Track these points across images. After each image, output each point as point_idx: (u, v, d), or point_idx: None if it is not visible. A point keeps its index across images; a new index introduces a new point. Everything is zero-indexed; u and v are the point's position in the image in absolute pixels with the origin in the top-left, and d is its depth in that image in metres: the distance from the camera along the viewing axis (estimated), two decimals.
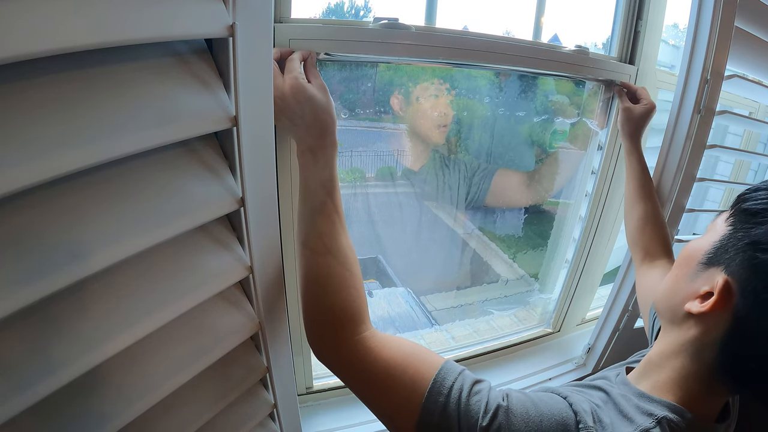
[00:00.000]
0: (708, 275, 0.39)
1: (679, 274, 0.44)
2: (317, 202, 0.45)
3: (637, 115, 0.72)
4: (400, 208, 0.93)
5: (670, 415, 0.38)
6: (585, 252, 0.93)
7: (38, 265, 0.28)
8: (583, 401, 0.39)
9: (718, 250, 0.39)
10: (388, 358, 0.41)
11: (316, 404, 0.76)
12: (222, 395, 0.46)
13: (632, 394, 0.42)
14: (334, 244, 0.45)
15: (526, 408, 0.36)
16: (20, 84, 0.27)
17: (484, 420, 0.35)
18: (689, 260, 0.43)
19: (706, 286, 0.39)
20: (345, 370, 0.43)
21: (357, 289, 0.45)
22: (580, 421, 0.36)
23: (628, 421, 0.38)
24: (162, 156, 0.37)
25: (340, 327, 0.43)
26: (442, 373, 0.39)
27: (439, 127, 0.84)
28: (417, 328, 0.98)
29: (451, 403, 0.37)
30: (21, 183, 0.26)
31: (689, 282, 0.41)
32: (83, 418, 0.33)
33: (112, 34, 0.29)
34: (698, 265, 0.41)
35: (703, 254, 0.41)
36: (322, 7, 0.70)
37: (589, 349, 0.92)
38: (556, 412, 0.36)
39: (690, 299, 0.40)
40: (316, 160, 0.46)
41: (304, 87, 0.46)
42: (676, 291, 0.43)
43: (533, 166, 0.96)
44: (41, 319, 0.30)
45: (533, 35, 0.78)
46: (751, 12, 0.68)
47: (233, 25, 0.35)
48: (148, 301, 0.36)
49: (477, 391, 0.38)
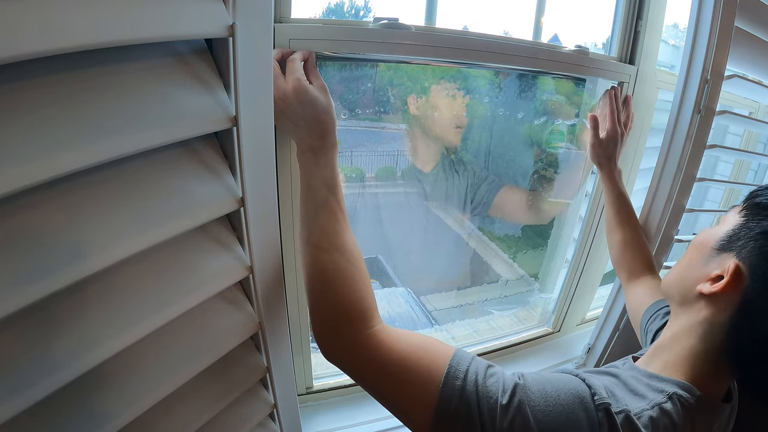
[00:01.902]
0: (720, 260, 0.43)
1: (693, 258, 0.47)
2: (320, 200, 0.45)
3: (604, 145, 0.74)
4: (401, 208, 0.93)
5: (680, 391, 0.41)
6: (585, 252, 0.93)
7: (38, 265, 0.28)
8: (596, 378, 0.40)
9: (731, 238, 0.43)
10: (401, 350, 0.41)
11: (316, 404, 0.76)
12: (222, 395, 0.46)
13: (641, 375, 0.44)
14: (339, 240, 0.45)
15: (542, 384, 0.38)
16: (20, 84, 0.27)
17: (503, 398, 0.36)
18: (703, 246, 0.46)
19: (718, 269, 0.42)
20: (358, 366, 0.42)
21: (365, 284, 0.44)
22: (595, 393, 0.37)
23: (640, 398, 0.40)
24: (162, 156, 0.37)
25: (349, 323, 0.42)
26: (456, 359, 0.40)
27: (456, 128, 0.85)
28: (417, 328, 0.98)
29: (469, 386, 0.37)
30: (21, 183, 0.26)
31: (702, 266, 0.44)
32: (83, 417, 0.33)
33: (112, 34, 0.29)
34: (711, 251, 0.44)
35: (717, 241, 0.44)
36: (322, 7, 0.70)
37: (589, 349, 0.92)
38: (571, 387, 0.38)
39: (702, 281, 0.43)
40: (317, 159, 0.46)
41: (306, 88, 0.46)
42: (689, 273, 0.46)
43: (532, 165, 0.96)
44: (41, 319, 0.30)
45: (533, 35, 0.78)
46: (751, 12, 0.68)
47: (233, 25, 0.35)
48: (148, 301, 0.36)
49: (492, 374, 0.39)
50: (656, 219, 0.75)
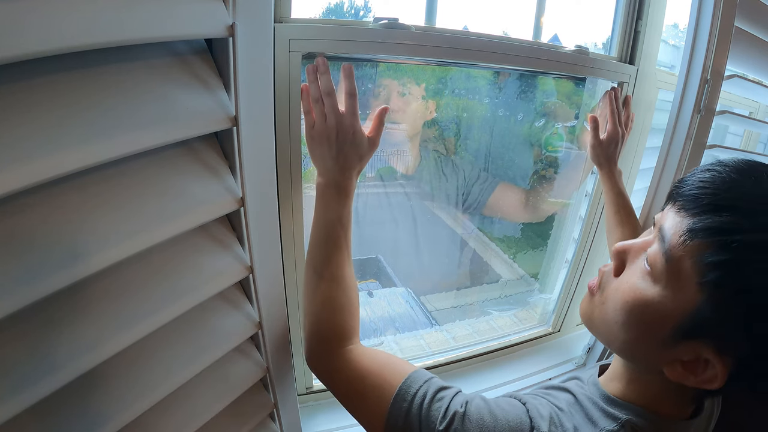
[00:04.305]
0: (685, 348, 0.34)
1: (637, 333, 0.37)
2: (332, 235, 0.49)
3: (604, 145, 0.74)
4: (400, 208, 0.93)
5: (633, 418, 0.39)
6: (585, 252, 0.93)
7: (38, 265, 0.28)
8: (543, 406, 0.40)
9: (696, 323, 0.33)
10: (363, 367, 0.45)
11: (316, 404, 0.76)
12: (222, 395, 0.46)
13: (599, 396, 0.42)
14: (340, 272, 0.49)
15: (482, 415, 0.38)
16: (20, 84, 0.27)
17: (441, 425, 0.37)
18: (648, 327, 0.36)
19: (686, 356, 0.34)
20: (328, 376, 0.47)
21: (351, 313, 0.50)
22: (534, 427, 0.37)
23: (592, 425, 0.40)
24: (162, 156, 0.37)
25: (329, 340, 0.48)
26: (408, 381, 0.42)
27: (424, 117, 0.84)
28: (417, 328, 0.98)
29: (414, 409, 0.39)
30: (21, 183, 0.26)
31: (656, 348, 0.36)
32: (83, 417, 0.33)
33: (112, 34, 0.29)
34: (665, 337, 0.35)
35: (671, 327, 0.34)
36: (322, 7, 0.70)
37: (589, 349, 0.92)
38: (512, 418, 0.38)
39: (665, 363, 0.36)
40: (339, 197, 0.49)
41: (363, 134, 0.50)
42: (636, 346, 0.38)
43: (531, 167, 0.96)
44: (41, 319, 0.30)
45: (533, 35, 0.78)
46: (751, 12, 0.68)
47: (233, 25, 0.35)
48: (148, 301, 0.36)
49: (440, 398, 0.40)
50: None
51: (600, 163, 0.75)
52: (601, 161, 0.75)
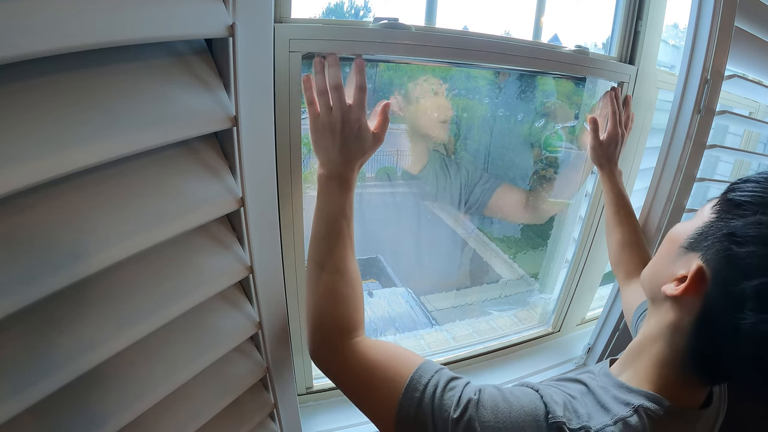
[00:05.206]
0: (687, 260, 0.39)
1: (663, 254, 0.44)
2: (335, 227, 0.48)
3: (605, 146, 0.74)
4: (401, 208, 0.93)
5: (647, 403, 0.39)
6: (585, 252, 0.93)
7: (38, 265, 0.28)
8: (557, 393, 0.40)
9: (699, 236, 0.39)
10: (372, 359, 0.44)
11: (316, 404, 0.76)
12: (222, 395, 0.46)
13: (611, 385, 0.43)
14: (343, 264, 0.48)
15: (496, 401, 0.38)
16: (20, 84, 0.27)
17: (455, 413, 0.37)
18: (673, 242, 0.42)
19: (683, 269, 0.39)
20: (335, 370, 0.46)
21: (355, 305, 0.49)
22: (550, 411, 0.37)
23: (605, 411, 0.39)
24: (162, 156, 0.37)
25: (334, 333, 0.47)
26: (420, 371, 0.41)
27: (441, 123, 0.84)
28: (417, 328, 0.98)
29: (426, 399, 0.39)
30: (21, 183, 0.26)
31: (669, 264, 0.42)
32: (83, 417, 0.33)
33: (112, 34, 0.29)
34: (680, 249, 0.41)
35: (686, 238, 0.41)
36: (322, 7, 0.70)
37: (589, 349, 0.92)
38: (526, 404, 0.38)
39: (668, 281, 0.40)
40: (342, 189, 0.49)
41: (368, 128, 0.49)
42: (658, 272, 0.44)
43: (531, 167, 0.96)
44: (41, 318, 0.30)
45: (533, 35, 0.78)
46: (751, 12, 0.68)
47: (233, 25, 0.35)
48: (148, 301, 0.36)
49: (451, 387, 0.40)
50: (656, 219, 0.75)
51: (600, 164, 0.75)
52: (601, 162, 0.75)
